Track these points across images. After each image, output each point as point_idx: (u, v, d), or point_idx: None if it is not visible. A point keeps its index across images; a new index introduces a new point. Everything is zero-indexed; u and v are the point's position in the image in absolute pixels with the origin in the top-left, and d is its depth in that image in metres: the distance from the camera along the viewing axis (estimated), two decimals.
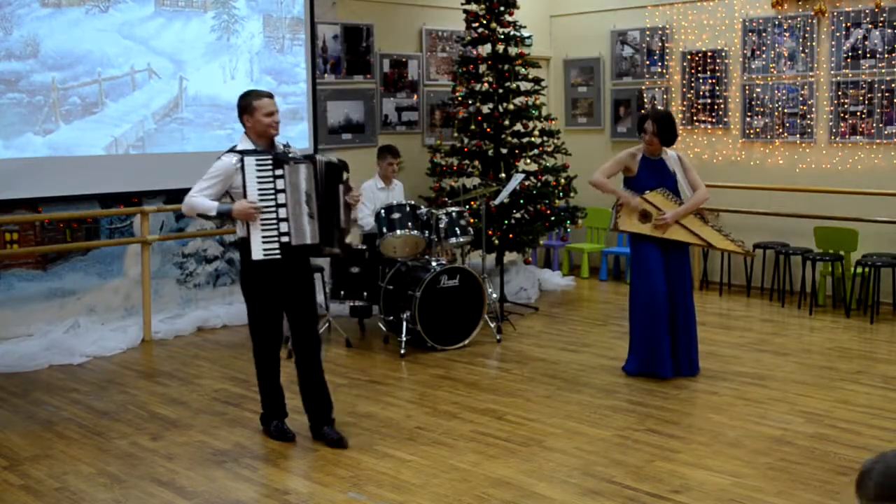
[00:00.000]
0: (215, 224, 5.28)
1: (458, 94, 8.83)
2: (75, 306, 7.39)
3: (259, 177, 4.80)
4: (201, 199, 4.86)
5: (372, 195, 7.79)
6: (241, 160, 4.81)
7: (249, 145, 4.93)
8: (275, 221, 4.80)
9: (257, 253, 4.79)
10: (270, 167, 4.82)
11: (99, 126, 7.54)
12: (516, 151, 8.67)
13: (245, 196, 4.79)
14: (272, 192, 4.81)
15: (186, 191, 7.81)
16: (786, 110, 8.95)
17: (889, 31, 8.27)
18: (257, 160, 4.81)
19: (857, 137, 8.51)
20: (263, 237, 4.79)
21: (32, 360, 6.70)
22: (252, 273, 4.93)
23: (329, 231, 4.95)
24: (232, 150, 4.93)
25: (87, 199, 7.43)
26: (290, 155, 4.93)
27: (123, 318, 7.60)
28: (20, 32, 7.06)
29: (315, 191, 4.89)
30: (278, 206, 4.81)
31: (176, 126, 7.99)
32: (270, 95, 4.98)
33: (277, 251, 4.81)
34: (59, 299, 7.33)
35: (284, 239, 4.81)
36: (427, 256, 7.19)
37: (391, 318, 7.15)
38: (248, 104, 4.92)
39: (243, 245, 4.90)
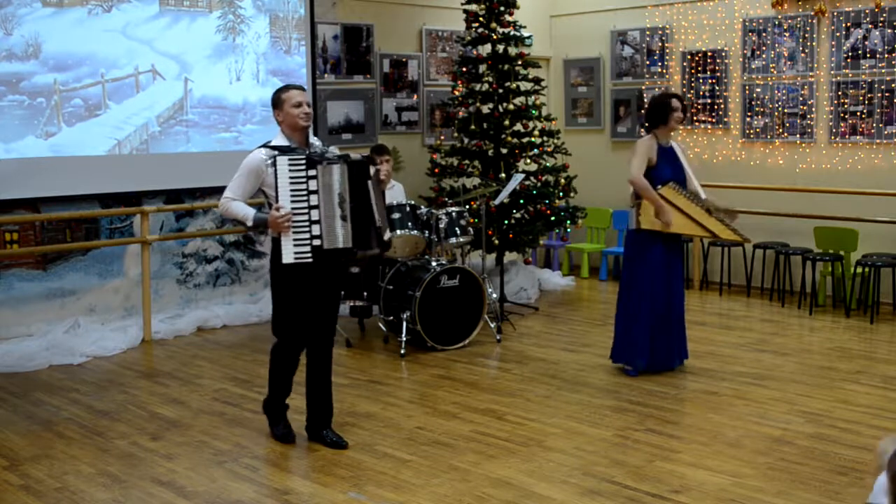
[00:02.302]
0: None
1: (457, 94, 8.84)
2: (75, 306, 7.39)
3: (292, 177, 4.67)
4: (240, 204, 4.78)
5: None
6: (274, 159, 4.69)
7: (284, 141, 4.84)
8: (307, 224, 4.68)
9: (288, 256, 4.66)
10: (304, 167, 4.68)
11: (102, 129, 7.49)
12: (516, 151, 8.67)
13: (277, 197, 4.68)
14: (304, 193, 4.68)
15: (187, 191, 7.93)
16: (786, 110, 8.95)
17: (889, 31, 8.27)
18: (290, 160, 4.68)
19: (857, 137, 8.51)
20: (295, 240, 4.67)
21: (32, 360, 6.70)
22: (283, 274, 4.80)
23: (365, 233, 4.80)
24: (265, 146, 4.82)
25: (87, 199, 7.43)
26: (325, 154, 4.81)
27: (123, 318, 7.60)
28: (21, 32, 7.02)
29: (348, 192, 4.76)
30: (311, 207, 4.68)
31: (181, 129, 7.94)
32: (301, 88, 4.91)
33: (309, 255, 4.68)
34: (59, 299, 7.33)
35: (316, 242, 4.69)
36: (427, 256, 7.19)
37: (391, 318, 7.15)
38: (276, 98, 4.86)
39: (275, 245, 4.78)
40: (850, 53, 8.51)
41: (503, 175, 8.45)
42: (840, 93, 8.58)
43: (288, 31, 8.55)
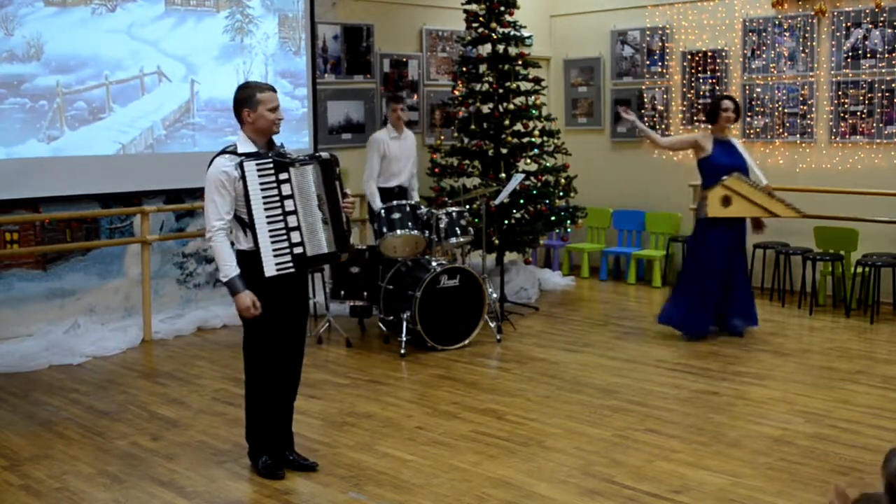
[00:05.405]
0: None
1: (458, 94, 8.84)
2: (75, 306, 7.39)
3: (262, 184, 4.35)
4: (229, 252, 4.40)
5: (385, 146, 7.86)
6: (241, 167, 4.34)
7: (249, 146, 4.46)
8: (284, 231, 4.38)
9: (270, 269, 4.34)
10: (272, 171, 4.38)
11: (106, 132, 7.41)
12: (516, 151, 8.67)
13: (247, 207, 4.35)
14: (277, 199, 4.38)
15: (187, 191, 7.90)
16: (786, 110, 8.95)
17: (889, 31, 8.27)
18: (258, 164, 4.36)
19: (857, 137, 8.51)
20: (275, 250, 4.36)
21: (32, 360, 6.70)
22: (259, 291, 4.42)
23: (342, 235, 4.54)
24: (226, 152, 4.44)
25: (87, 199, 7.42)
26: (291, 156, 4.51)
27: (123, 318, 7.60)
28: (22, 33, 6.95)
29: (325, 193, 4.50)
30: (286, 213, 4.39)
31: (187, 132, 7.87)
32: (274, 89, 4.52)
33: (291, 265, 4.40)
34: (59, 299, 7.33)
35: (298, 250, 4.41)
36: (427, 256, 7.19)
37: (391, 318, 7.15)
38: (250, 95, 4.42)
39: (243, 260, 4.41)
40: (850, 53, 8.50)
41: (503, 175, 8.45)
42: (840, 93, 8.58)
43: (297, 32, 8.48)
